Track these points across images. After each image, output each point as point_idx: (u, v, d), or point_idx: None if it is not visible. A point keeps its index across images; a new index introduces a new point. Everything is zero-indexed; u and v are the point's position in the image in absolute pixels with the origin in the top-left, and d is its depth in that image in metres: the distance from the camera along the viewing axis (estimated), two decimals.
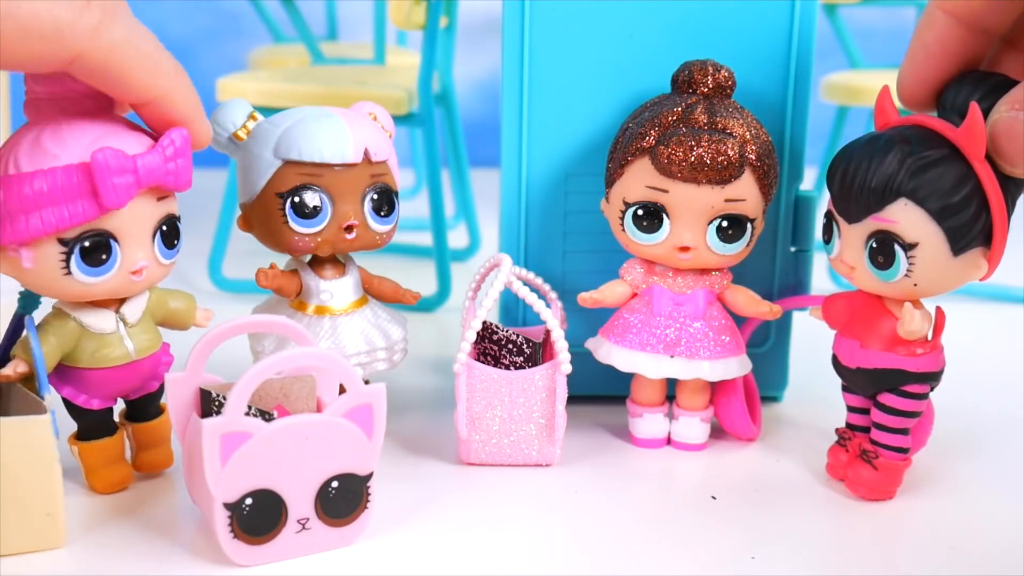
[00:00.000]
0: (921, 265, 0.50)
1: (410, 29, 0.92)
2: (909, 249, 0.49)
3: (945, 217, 0.48)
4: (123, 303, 0.52)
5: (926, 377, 0.53)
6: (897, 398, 0.53)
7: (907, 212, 0.49)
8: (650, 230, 0.57)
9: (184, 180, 0.50)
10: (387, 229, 0.58)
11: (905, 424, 0.54)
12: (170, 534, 0.51)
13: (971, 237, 0.49)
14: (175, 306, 0.55)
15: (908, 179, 0.48)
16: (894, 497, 0.55)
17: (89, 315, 0.51)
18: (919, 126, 0.50)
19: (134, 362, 0.53)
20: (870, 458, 0.54)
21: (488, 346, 0.63)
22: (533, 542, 0.51)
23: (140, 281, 0.51)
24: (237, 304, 0.90)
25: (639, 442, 0.62)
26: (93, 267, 0.49)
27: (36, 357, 0.50)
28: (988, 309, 0.92)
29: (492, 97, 1.66)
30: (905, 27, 1.45)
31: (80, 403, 0.52)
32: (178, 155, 0.50)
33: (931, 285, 0.50)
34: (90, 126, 0.48)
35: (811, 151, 0.65)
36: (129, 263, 0.50)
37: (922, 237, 0.49)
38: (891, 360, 0.53)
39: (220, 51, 1.66)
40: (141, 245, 0.50)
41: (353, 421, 0.48)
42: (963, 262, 0.50)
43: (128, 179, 0.48)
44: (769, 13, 0.61)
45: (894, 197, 0.49)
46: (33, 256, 0.48)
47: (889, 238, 0.50)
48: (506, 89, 0.63)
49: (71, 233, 0.48)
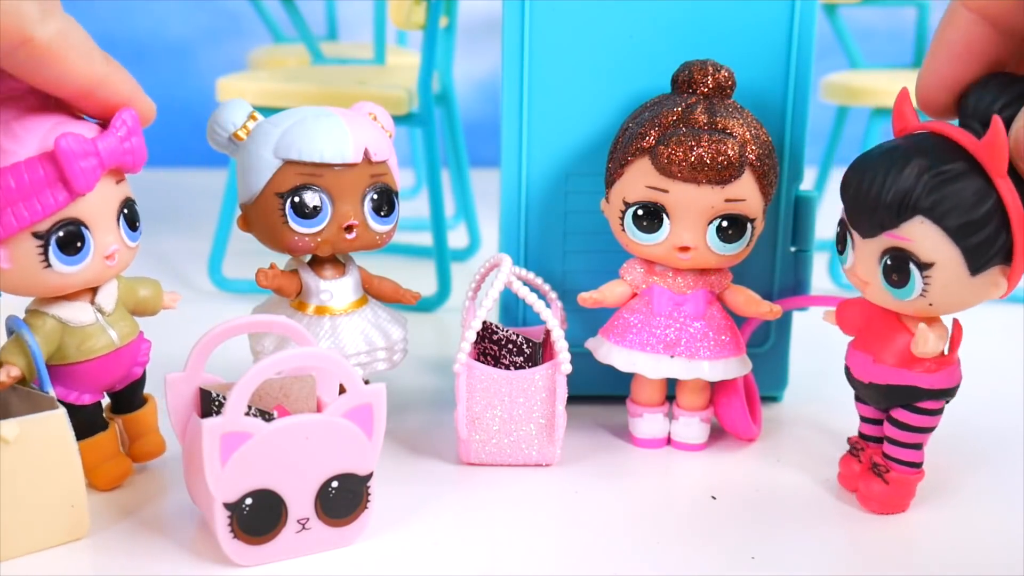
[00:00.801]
0: (937, 285, 0.48)
1: (410, 29, 0.92)
2: (925, 269, 0.47)
3: (964, 236, 0.46)
4: (96, 294, 0.53)
5: (941, 393, 0.51)
6: (911, 414, 0.52)
7: (923, 230, 0.47)
8: (650, 230, 0.57)
9: (141, 158, 0.51)
10: (387, 229, 0.58)
11: (919, 439, 0.52)
12: (170, 534, 0.51)
13: (990, 256, 0.47)
14: (143, 293, 0.56)
15: (926, 196, 0.46)
16: (907, 510, 0.54)
17: (66, 309, 0.52)
18: (938, 135, 0.48)
19: (118, 350, 0.53)
20: (881, 472, 0.53)
21: (488, 346, 0.63)
22: (533, 542, 0.51)
23: (113, 265, 0.51)
24: (237, 304, 0.90)
25: (639, 442, 0.62)
26: (71, 256, 0.49)
27: (35, 354, 0.50)
28: (988, 309, 0.92)
29: (492, 97, 1.66)
30: (905, 27, 1.45)
31: (72, 400, 0.52)
32: (131, 134, 0.50)
33: (947, 305, 0.49)
34: (38, 119, 0.49)
35: (811, 151, 0.65)
36: (102, 248, 0.50)
37: (939, 257, 0.47)
38: (904, 377, 0.51)
39: (220, 51, 1.66)
40: (109, 229, 0.51)
41: (353, 421, 0.48)
42: (981, 281, 0.48)
43: (92, 162, 0.48)
44: (769, 13, 0.61)
45: (910, 214, 0.47)
46: (9, 255, 0.48)
47: (904, 256, 0.48)
48: (506, 89, 0.63)
49: (44, 225, 0.48)
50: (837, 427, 0.65)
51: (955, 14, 0.49)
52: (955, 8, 0.49)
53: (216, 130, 0.57)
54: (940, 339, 0.50)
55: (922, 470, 0.53)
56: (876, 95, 1.01)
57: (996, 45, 0.48)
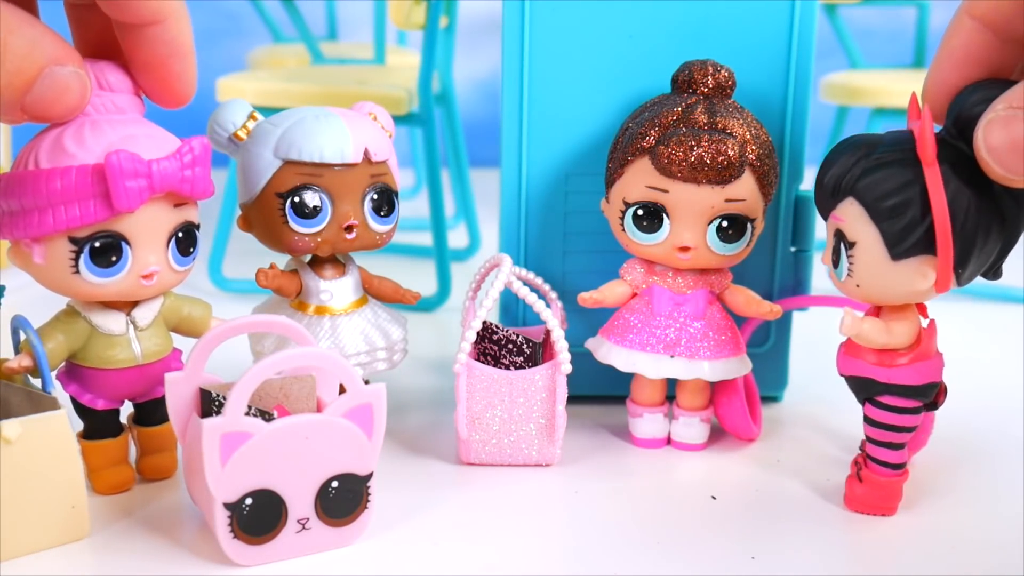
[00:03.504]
0: (860, 265, 0.49)
1: (410, 29, 0.92)
2: (850, 248, 0.50)
3: (883, 219, 0.48)
4: (135, 306, 0.52)
5: (901, 389, 0.51)
6: (875, 409, 0.52)
7: (852, 211, 0.49)
8: (650, 230, 0.57)
9: (201, 189, 0.50)
10: (387, 229, 0.58)
11: (890, 438, 0.52)
12: (170, 534, 0.51)
13: (911, 243, 0.48)
14: (189, 313, 0.55)
15: (857, 179, 0.48)
16: (895, 513, 0.53)
17: (100, 315, 0.52)
18: (908, 131, 0.49)
19: (140, 366, 0.53)
20: (858, 470, 0.54)
21: (488, 346, 0.63)
22: (533, 542, 0.51)
23: (151, 285, 0.50)
24: (237, 304, 0.90)
25: (639, 442, 0.62)
26: (102, 268, 0.49)
27: (39, 356, 0.50)
28: (988, 309, 0.92)
29: (492, 97, 1.66)
30: (905, 27, 1.45)
31: (85, 402, 0.52)
32: (196, 163, 0.50)
33: (873, 289, 0.50)
34: (112, 128, 0.49)
35: (811, 151, 0.65)
36: (140, 267, 0.50)
37: (861, 237, 0.49)
38: (861, 368, 0.52)
39: (220, 51, 1.66)
40: (153, 250, 0.50)
41: (353, 421, 0.48)
42: (905, 268, 0.48)
43: (141, 183, 0.48)
44: (769, 13, 0.61)
45: (843, 195, 0.49)
46: (44, 252, 0.48)
47: (840, 236, 0.50)
48: (506, 89, 0.63)
49: (82, 232, 0.48)
50: (837, 427, 0.65)
51: (959, 21, 0.49)
52: (959, 16, 0.49)
53: (216, 130, 0.57)
54: (882, 331, 0.51)
55: (903, 472, 0.53)
56: (876, 95, 1.01)
57: (997, 53, 0.49)
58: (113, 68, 0.50)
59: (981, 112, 0.46)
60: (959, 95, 0.49)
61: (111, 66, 0.50)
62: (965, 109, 0.48)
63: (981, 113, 0.46)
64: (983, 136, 0.45)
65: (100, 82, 0.49)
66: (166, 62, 0.49)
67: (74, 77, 0.46)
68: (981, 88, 0.48)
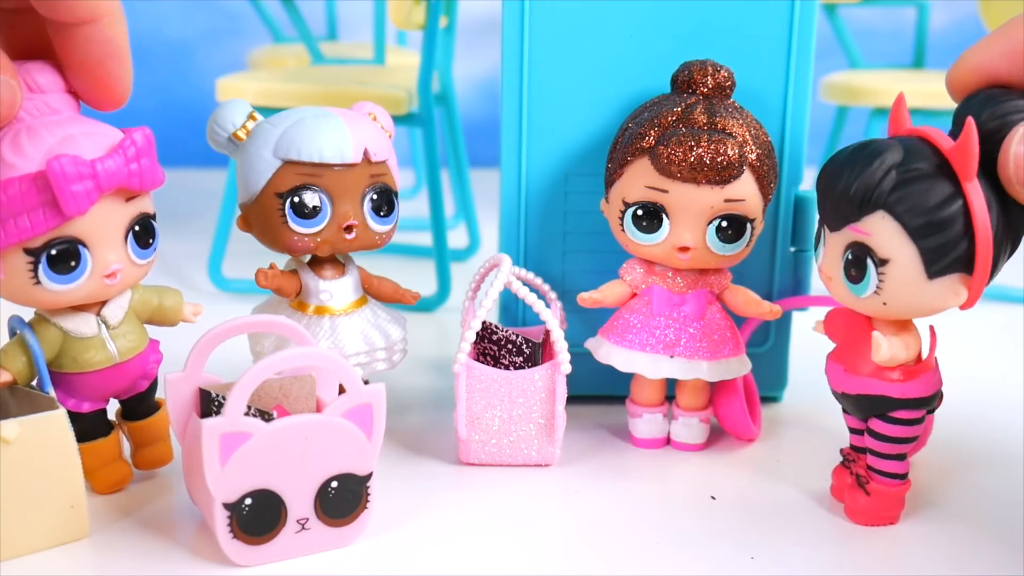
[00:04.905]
0: (891, 283, 0.47)
1: (410, 29, 0.92)
2: (881, 265, 0.47)
3: (923, 236, 0.45)
4: (104, 305, 0.52)
5: (915, 403, 0.50)
6: (886, 424, 0.51)
7: (883, 225, 0.46)
8: (650, 230, 0.57)
9: (150, 180, 0.49)
10: (387, 229, 0.58)
11: (898, 450, 0.51)
12: (170, 534, 0.51)
13: (949, 261, 0.46)
14: (160, 303, 0.54)
15: (890, 191, 0.46)
16: (897, 522, 0.53)
17: (69, 320, 0.51)
18: (919, 137, 0.48)
19: (119, 364, 0.52)
20: (864, 484, 0.53)
21: (488, 346, 0.63)
22: (533, 542, 0.51)
23: (115, 284, 0.50)
24: (237, 304, 0.90)
25: (639, 442, 0.62)
26: (62, 275, 0.48)
27: (36, 355, 0.50)
28: (988, 309, 0.92)
29: (492, 97, 1.66)
30: (905, 27, 1.45)
31: (69, 407, 0.52)
32: (140, 155, 0.48)
33: (902, 307, 0.48)
34: (49, 132, 0.47)
35: (811, 151, 0.65)
36: (101, 267, 0.49)
37: (895, 254, 0.46)
38: (873, 386, 0.50)
39: (220, 51, 1.66)
40: (112, 248, 0.49)
41: (353, 421, 0.48)
42: (939, 287, 0.46)
43: (87, 185, 0.46)
44: (769, 13, 0.61)
45: (872, 208, 0.46)
46: (2, 266, 0.47)
47: (864, 251, 0.47)
48: (506, 89, 0.63)
49: (36, 242, 0.47)
50: (837, 427, 0.64)
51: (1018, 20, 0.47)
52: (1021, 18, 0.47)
53: (216, 130, 0.57)
54: (903, 348, 0.49)
55: (907, 481, 0.52)
56: (876, 95, 1.01)
57: None
58: (41, 68, 0.49)
59: (995, 128, 0.45)
60: (962, 104, 0.48)
61: (39, 66, 0.49)
62: (979, 123, 0.46)
63: (995, 128, 0.45)
64: (1012, 159, 0.44)
65: (29, 85, 0.48)
66: (102, 62, 0.48)
67: (4, 87, 0.45)
68: (991, 103, 0.46)
